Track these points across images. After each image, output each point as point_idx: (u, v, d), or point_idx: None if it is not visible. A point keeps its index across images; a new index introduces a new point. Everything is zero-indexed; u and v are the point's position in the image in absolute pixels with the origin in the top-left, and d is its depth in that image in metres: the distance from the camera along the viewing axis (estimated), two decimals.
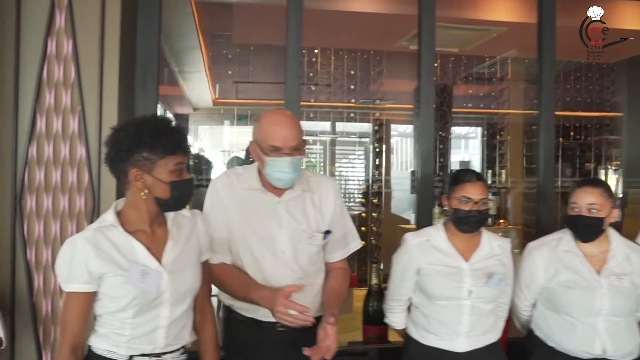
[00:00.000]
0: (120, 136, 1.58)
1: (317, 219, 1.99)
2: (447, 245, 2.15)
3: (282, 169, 1.85)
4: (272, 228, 1.93)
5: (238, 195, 1.94)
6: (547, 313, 2.21)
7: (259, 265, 1.92)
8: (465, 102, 5.87)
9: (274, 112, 1.93)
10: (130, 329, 1.60)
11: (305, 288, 1.91)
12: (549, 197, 2.95)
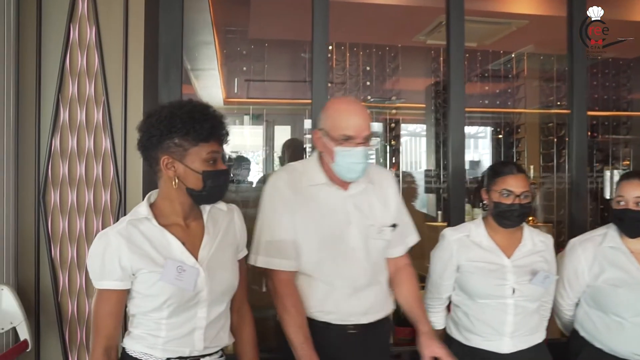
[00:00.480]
0: (152, 120, 1.48)
1: (383, 213, 1.90)
2: (488, 241, 2.07)
3: (356, 160, 1.75)
4: (342, 225, 1.82)
5: (304, 193, 1.82)
6: (593, 312, 2.12)
7: (329, 266, 1.81)
8: (476, 100, 5.77)
9: (344, 101, 1.84)
10: (166, 330, 1.51)
11: (373, 288, 1.86)
12: (582, 195, 2.87)
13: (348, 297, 1.82)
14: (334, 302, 1.81)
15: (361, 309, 1.84)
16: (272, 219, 1.80)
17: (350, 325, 1.82)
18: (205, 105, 1.52)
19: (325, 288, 1.82)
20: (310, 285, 1.82)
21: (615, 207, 2.08)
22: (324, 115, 1.80)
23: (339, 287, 1.81)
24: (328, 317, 1.82)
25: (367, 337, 1.84)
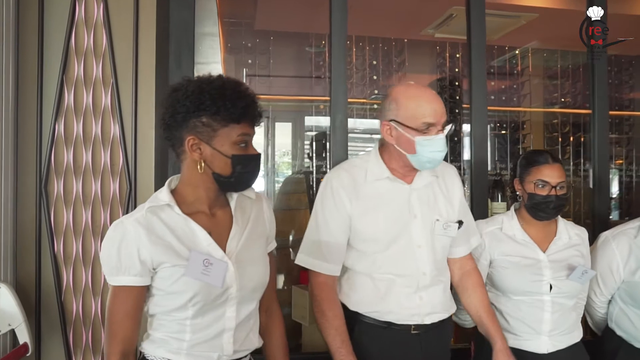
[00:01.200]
0: (178, 96, 1.33)
1: (447, 208, 1.80)
2: (522, 234, 1.96)
3: (438, 148, 1.65)
4: (407, 219, 1.73)
5: (366, 188, 1.73)
6: (629, 310, 2.02)
7: (392, 263, 1.71)
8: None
9: (416, 87, 1.72)
10: (191, 332, 1.35)
11: (436, 287, 1.77)
12: (604, 189, 2.78)
13: (411, 295, 1.72)
14: (395, 300, 1.72)
15: (424, 309, 1.74)
16: (321, 219, 1.74)
17: (412, 326, 1.72)
18: (237, 81, 1.37)
19: (387, 286, 1.72)
20: (371, 286, 1.73)
21: None
22: (393, 105, 1.68)
23: (399, 285, 1.72)
24: (388, 316, 1.72)
25: (429, 339, 1.74)
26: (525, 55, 5.35)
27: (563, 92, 5.33)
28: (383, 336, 1.71)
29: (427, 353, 1.72)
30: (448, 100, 5.52)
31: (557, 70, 5.27)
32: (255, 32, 4.82)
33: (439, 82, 5.51)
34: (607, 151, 2.82)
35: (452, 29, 4.31)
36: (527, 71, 5.41)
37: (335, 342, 1.65)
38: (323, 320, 1.69)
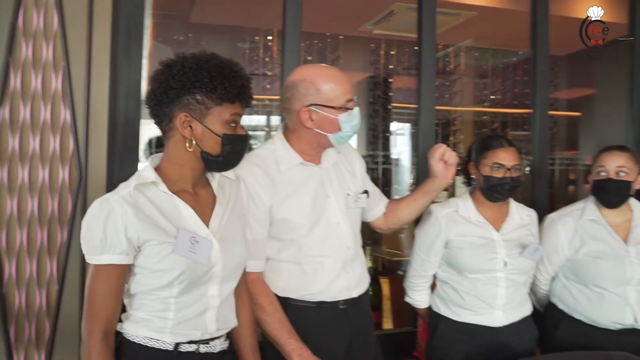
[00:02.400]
0: (173, 71, 1.31)
1: (353, 181, 1.87)
2: (477, 216, 2.05)
3: (358, 119, 1.71)
4: (322, 200, 1.76)
5: (281, 178, 1.72)
6: (572, 285, 2.16)
7: (317, 246, 1.73)
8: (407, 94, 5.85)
9: (324, 67, 1.74)
10: (175, 310, 1.34)
11: (358, 259, 1.83)
12: (543, 178, 2.98)
13: (338, 272, 1.76)
14: (326, 280, 1.74)
15: (352, 283, 1.79)
16: None
17: (341, 301, 1.76)
18: (233, 61, 1.36)
19: (315, 269, 1.74)
20: (298, 271, 1.74)
21: (595, 179, 2.12)
22: (312, 89, 1.67)
23: (328, 265, 1.74)
24: (319, 297, 1.74)
25: (356, 311, 1.80)
26: (458, 54, 5.56)
27: (493, 90, 5.58)
28: (313, 316, 1.73)
29: (354, 325, 1.78)
30: (381, 97, 5.65)
31: (487, 68, 5.50)
32: (189, 26, 4.72)
33: (371, 79, 5.63)
34: (547, 145, 3.02)
35: (392, 25, 4.39)
36: (459, 69, 5.62)
37: (282, 334, 1.64)
38: (264, 315, 1.67)
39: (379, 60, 5.52)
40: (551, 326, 2.20)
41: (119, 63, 2.18)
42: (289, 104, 1.71)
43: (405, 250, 3.48)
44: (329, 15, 4.43)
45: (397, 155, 10.06)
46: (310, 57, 5.21)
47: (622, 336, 2.05)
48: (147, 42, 3.24)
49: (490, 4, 4.00)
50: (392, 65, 5.48)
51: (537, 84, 2.97)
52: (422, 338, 2.53)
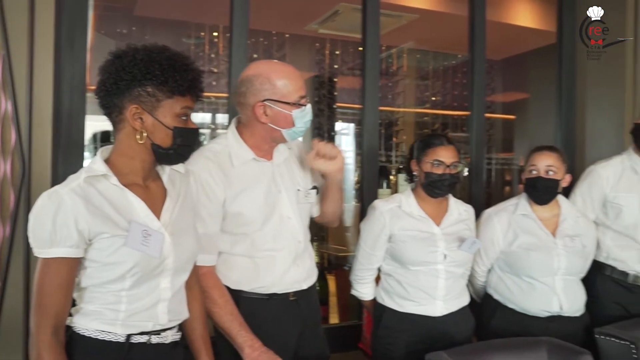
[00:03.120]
0: (124, 62, 1.30)
1: (304, 177, 1.92)
2: (419, 211, 2.14)
3: (310, 115, 1.75)
4: (274, 195, 1.79)
5: (235, 173, 1.74)
6: (506, 276, 2.29)
7: (270, 240, 1.77)
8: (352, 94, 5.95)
9: (280, 64, 1.77)
10: (127, 302, 1.34)
11: (307, 252, 1.89)
12: (480, 177, 3.13)
13: (290, 266, 1.80)
14: (278, 273, 1.78)
15: (302, 276, 1.84)
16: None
17: (291, 293, 1.81)
18: (185, 55, 1.37)
19: (267, 262, 1.77)
20: (251, 264, 1.77)
21: (527, 177, 2.26)
22: (267, 85, 1.70)
23: (280, 258, 1.79)
24: (272, 289, 1.78)
25: (305, 303, 1.85)
26: (401, 55, 5.69)
27: (433, 92, 5.75)
28: (265, 307, 1.77)
29: (304, 316, 1.84)
30: (326, 97, 5.72)
31: (428, 71, 5.66)
32: (133, 19, 4.64)
33: (317, 79, 5.69)
34: (484, 146, 3.16)
35: (337, 25, 4.44)
36: (402, 71, 5.76)
37: (233, 326, 1.66)
38: (216, 308, 1.68)
39: (324, 59, 5.58)
40: (487, 315, 2.32)
41: (62, 54, 2.14)
42: (244, 98, 1.73)
43: (351, 247, 3.57)
44: (275, 13, 4.45)
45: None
46: (256, 55, 5.21)
47: (549, 323, 2.20)
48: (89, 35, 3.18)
49: (431, 7, 4.11)
50: (337, 65, 5.56)
51: (474, 87, 3.11)
52: (367, 330, 2.60)
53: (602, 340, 2.20)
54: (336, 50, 5.45)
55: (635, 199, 2.44)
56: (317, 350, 1.91)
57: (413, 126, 5.97)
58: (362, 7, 2.87)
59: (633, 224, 2.46)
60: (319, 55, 5.61)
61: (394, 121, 5.82)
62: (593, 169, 2.57)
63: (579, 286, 2.31)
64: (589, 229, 2.36)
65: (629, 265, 2.46)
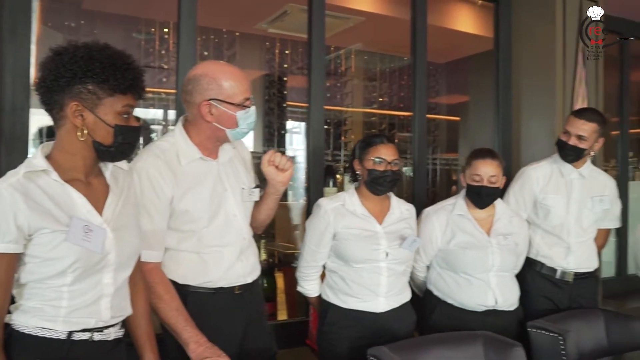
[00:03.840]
0: (64, 59, 1.31)
1: (247, 176, 1.97)
2: (362, 209, 2.22)
3: (254, 117, 1.79)
4: (220, 194, 1.84)
5: (182, 172, 1.77)
6: (444, 273, 2.40)
7: (216, 237, 1.81)
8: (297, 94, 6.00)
9: (227, 65, 1.81)
10: (68, 299, 1.35)
11: (251, 247, 1.94)
12: (422, 176, 3.23)
13: (235, 261, 1.86)
14: (223, 268, 1.83)
15: (246, 270, 1.90)
16: (142, 210, 1.70)
17: (237, 287, 1.86)
18: (126, 53, 1.39)
19: (214, 258, 1.82)
20: (198, 260, 1.81)
21: (470, 183, 2.37)
22: (213, 84, 1.73)
23: (226, 254, 1.84)
24: (219, 283, 1.82)
25: (250, 296, 1.90)
26: (349, 57, 5.78)
27: (381, 93, 5.86)
28: (211, 301, 1.81)
29: (249, 309, 1.89)
30: (276, 95, 5.75)
31: (376, 72, 5.77)
32: (81, 12, 4.54)
33: (267, 77, 5.71)
34: (425, 146, 3.27)
35: (285, 25, 4.48)
36: (350, 71, 5.85)
37: (179, 322, 1.68)
38: (161, 303, 1.70)
39: (274, 58, 5.61)
40: (428, 311, 2.43)
41: (4, 47, 2.09)
42: (190, 97, 1.76)
43: (299, 244, 3.62)
44: (225, 11, 4.44)
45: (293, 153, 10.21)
46: (206, 52, 5.19)
47: (486, 317, 2.32)
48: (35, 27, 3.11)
49: (377, 11, 4.20)
50: (286, 65, 5.59)
51: (416, 89, 3.21)
52: (313, 326, 2.66)
53: (533, 333, 2.35)
54: (286, 49, 5.48)
55: (561, 201, 2.61)
56: (263, 345, 1.96)
57: (361, 126, 6.06)
58: (308, 8, 2.90)
59: (560, 224, 2.61)
60: (269, 54, 5.63)
61: (343, 121, 5.90)
62: (525, 170, 2.71)
63: (513, 282, 2.44)
64: (522, 228, 2.50)
65: (556, 262, 2.61)
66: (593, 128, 2.52)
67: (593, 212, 2.64)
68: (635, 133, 5.21)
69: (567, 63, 3.30)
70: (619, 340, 2.46)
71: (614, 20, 4.05)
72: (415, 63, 3.21)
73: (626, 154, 4.34)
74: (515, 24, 3.54)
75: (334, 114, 5.81)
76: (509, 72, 3.54)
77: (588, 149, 2.55)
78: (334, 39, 5.06)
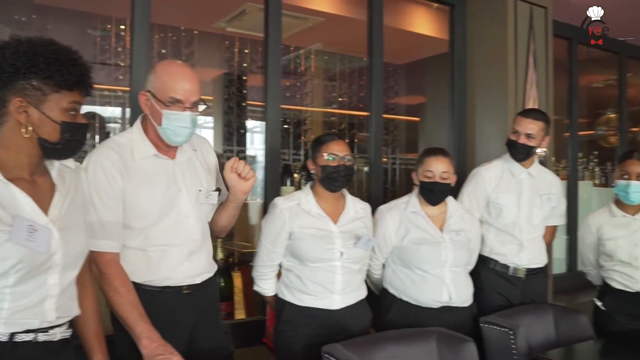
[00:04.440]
0: (6, 54, 1.28)
1: (207, 177, 1.96)
2: (317, 209, 2.23)
3: (183, 124, 1.76)
4: (174, 193, 1.83)
5: (135, 167, 1.78)
6: (399, 270, 2.44)
7: (165, 235, 1.80)
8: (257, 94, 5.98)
9: (175, 64, 1.83)
10: (10, 300, 1.31)
11: (204, 250, 1.93)
12: (378, 175, 3.27)
13: (183, 261, 1.85)
14: (170, 267, 1.82)
15: (196, 271, 1.89)
16: (97, 201, 1.72)
17: (185, 287, 1.85)
18: (72, 49, 1.36)
19: (160, 257, 1.81)
20: (144, 257, 1.80)
21: (423, 180, 2.42)
22: (152, 77, 1.79)
23: (174, 254, 1.83)
24: (164, 282, 1.82)
25: (201, 296, 1.89)
26: (309, 56, 5.80)
27: (340, 93, 5.90)
28: (157, 300, 1.79)
29: (198, 309, 1.88)
30: (235, 94, 5.72)
31: (336, 72, 5.81)
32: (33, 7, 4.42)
33: (226, 76, 5.67)
34: (381, 145, 3.31)
35: (244, 24, 4.47)
36: (310, 71, 5.87)
37: (133, 316, 1.68)
38: (117, 297, 1.70)
39: (234, 57, 5.58)
40: (384, 308, 2.45)
41: None
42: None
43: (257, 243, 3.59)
44: (182, 9, 4.40)
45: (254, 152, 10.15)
46: (164, 50, 5.12)
47: (441, 314, 2.36)
48: None
49: (336, 12, 4.23)
50: (245, 64, 5.57)
51: (373, 90, 3.24)
52: (270, 325, 2.66)
53: (486, 328, 2.41)
54: (245, 48, 5.47)
55: (513, 200, 2.68)
56: (219, 344, 1.95)
57: (321, 125, 6.09)
58: (264, 7, 2.90)
59: (512, 222, 2.69)
60: (228, 53, 5.60)
61: (303, 120, 5.91)
62: (477, 171, 2.78)
63: (467, 278, 2.50)
64: (473, 224, 2.56)
65: (509, 259, 2.68)
66: (540, 126, 2.62)
67: (542, 210, 2.73)
68: (584, 135, 5.42)
69: (518, 66, 3.40)
70: (567, 333, 2.55)
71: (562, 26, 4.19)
72: (371, 63, 3.24)
73: (576, 155, 4.48)
74: (470, 27, 3.62)
75: (294, 113, 5.82)
76: (463, 74, 3.61)
77: (536, 146, 2.64)
78: (293, 39, 5.07)
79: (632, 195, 2.63)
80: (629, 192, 2.63)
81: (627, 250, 2.65)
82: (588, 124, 5.77)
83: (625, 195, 2.66)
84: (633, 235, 2.66)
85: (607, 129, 5.56)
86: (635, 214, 2.69)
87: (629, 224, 2.69)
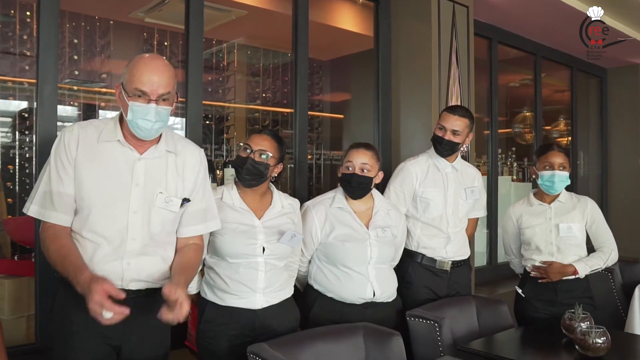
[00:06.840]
0: None
1: (176, 184, 1.85)
2: (240, 203, 2.16)
3: (145, 116, 1.70)
4: (127, 185, 1.75)
5: (95, 149, 1.76)
6: (324, 267, 2.40)
7: (101, 224, 1.74)
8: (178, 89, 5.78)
9: (149, 56, 1.77)
10: None
11: (149, 258, 1.79)
12: (303, 171, 3.23)
13: (116, 260, 1.74)
14: (94, 262, 1.71)
15: (129, 275, 1.75)
16: (53, 171, 1.74)
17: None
18: None
19: (92, 247, 1.73)
20: (80, 247, 1.73)
21: (344, 172, 2.39)
22: (126, 69, 1.75)
23: (104, 247, 1.73)
24: None
25: (137, 304, 1.73)
26: (231, 51, 5.67)
27: (264, 89, 5.81)
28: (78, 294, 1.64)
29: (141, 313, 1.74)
30: None
31: (259, 67, 5.71)
32: None
33: None
34: (306, 142, 3.26)
35: (163, 15, 4.31)
36: (233, 66, 5.74)
37: (81, 269, 1.62)
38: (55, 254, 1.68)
39: (152, 50, 5.36)
40: (309, 305, 2.40)
41: None
42: None
43: None
44: None
45: None
46: (76, 40, 4.84)
47: (365, 310, 2.35)
48: None
49: (259, 5, 4.16)
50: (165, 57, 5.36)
51: (297, 86, 3.19)
52: (192, 327, 2.55)
53: (412, 322, 2.42)
54: (165, 41, 5.26)
55: (439, 194, 2.71)
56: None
57: (244, 122, 5.98)
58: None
59: (439, 215, 2.72)
60: (146, 45, 5.37)
61: (225, 116, 5.77)
62: (404, 165, 2.79)
63: (391, 274, 2.49)
64: (399, 220, 2.56)
65: (436, 252, 2.71)
66: (465, 123, 2.66)
67: (467, 203, 2.78)
68: (503, 132, 5.63)
69: (442, 63, 3.45)
70: (489, 322, 2.62)
71: (483, 26, 4.31)
72: (296, 59, 3.19)
73: (496, 151, 4.65)
74: (394, 24, 3.65)
75: (216, 109, 5.67)
76: (388, 71, 3.63)
77: (461, 143, 2.69)
78: (216, 32, 4.94)
79: (557, 185, 2.69)
80: (554, 182, 2.69)
81: (542, 237, 2.74)
82: (506, 122, 6.01)
83: (550, 185, 2.72)
84: (548, 222, 2.75)
85: (523, 127, 5.82)
86: (551, 202, 2.79)
87: (544, 212, 2.77)
